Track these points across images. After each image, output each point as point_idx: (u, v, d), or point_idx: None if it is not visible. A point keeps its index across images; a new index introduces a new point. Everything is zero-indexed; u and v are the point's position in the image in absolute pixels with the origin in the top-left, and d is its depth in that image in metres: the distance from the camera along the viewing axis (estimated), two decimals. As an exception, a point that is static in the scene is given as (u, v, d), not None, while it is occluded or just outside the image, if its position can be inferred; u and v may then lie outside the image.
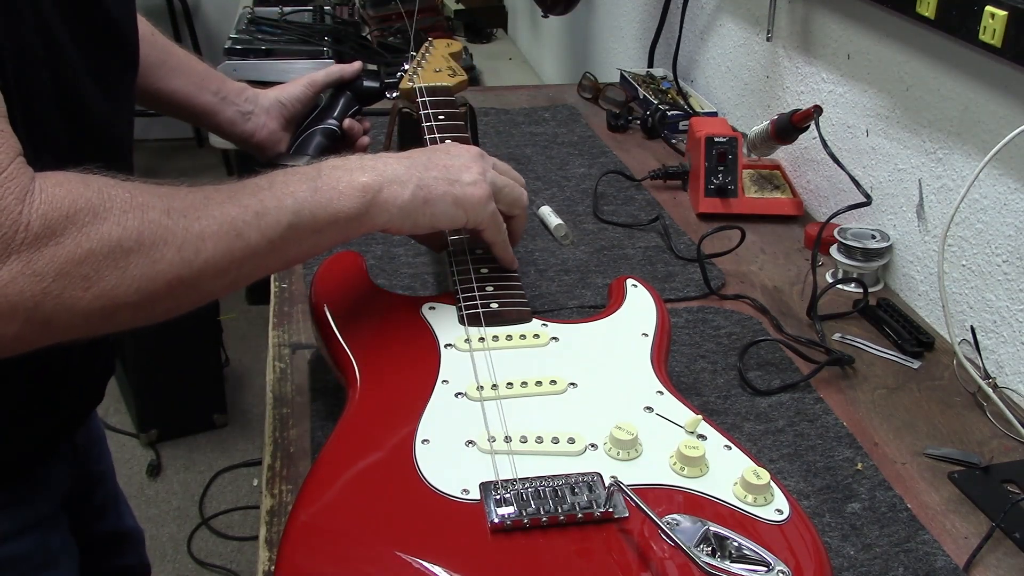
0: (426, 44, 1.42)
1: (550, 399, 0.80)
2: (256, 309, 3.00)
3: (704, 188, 1.37)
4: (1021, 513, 0.84)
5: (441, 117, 1.17)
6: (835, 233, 1.21)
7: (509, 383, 0.80)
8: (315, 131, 1.18)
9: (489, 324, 0.87)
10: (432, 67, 1.32)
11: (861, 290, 1.17)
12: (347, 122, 1.20)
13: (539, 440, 0.74)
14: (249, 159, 1.20)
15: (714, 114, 1.68)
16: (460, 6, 3.26)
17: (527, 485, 0.69)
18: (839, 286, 1.21)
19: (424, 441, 0.74)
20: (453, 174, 0.85)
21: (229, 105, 1.13)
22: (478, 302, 0.89)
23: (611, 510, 0.67)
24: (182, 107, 1.10)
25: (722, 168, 1.37)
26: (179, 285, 0.67)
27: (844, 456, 0.91)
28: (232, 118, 1.14)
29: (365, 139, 1.23)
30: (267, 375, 1.01)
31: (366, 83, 1.24)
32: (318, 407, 0.95)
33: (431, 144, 1.10)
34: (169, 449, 2.53)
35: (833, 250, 1.22)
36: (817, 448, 0.92)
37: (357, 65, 1.25)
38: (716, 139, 1.37)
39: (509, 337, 0.86)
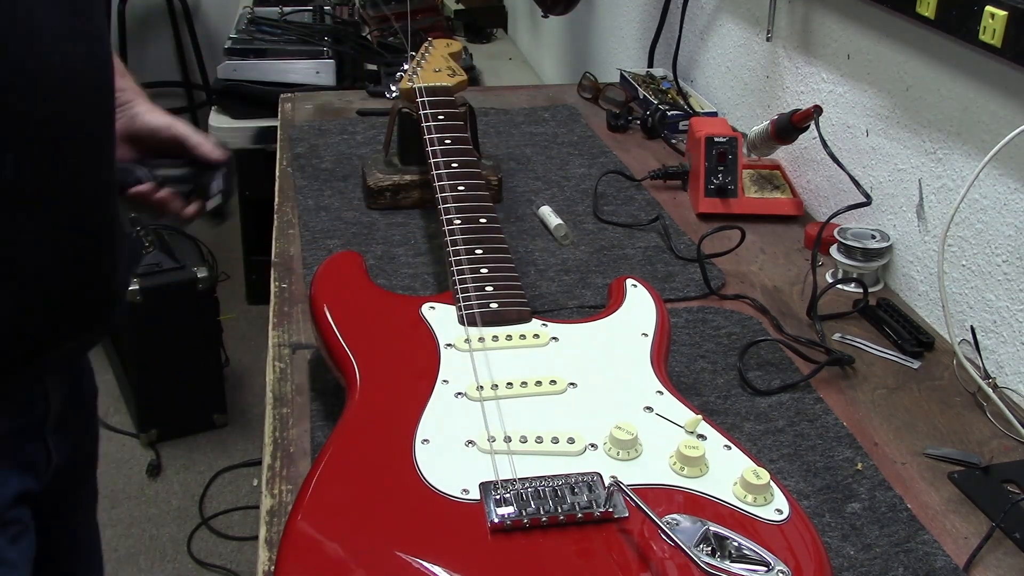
0: (425, 44, 1.42)
1: (550, 399, 0.80)
2: (256, 309, 2.99)
3: (704, 188, 1.37)
4: (1021, 513, 0.84)
5: (441, 117, 1.17)
6: (835, 233, 1.21)
7: (509, 383, 0.80)
8: (129, 167, 0.99)
9: (489, 324, 0.87)
10: (432, 67, 1.32)
11: (861, 290, 1.17)
12: (161, 192, 0.99)
13: (539, 440, 0.74)
14: None
15: (714, 114, 1.67)
16: (460, 6, 3.26)
17: (527, 485, 0.69)
18: (839, 286, 1.21)
19: (424, 441, 0.74)
20: None
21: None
22: (478, 302, 0.89)
23: (611, 510, 0.67)
24: None
25: (722, 168, 1.37)
26: None
27: (844, 456, 0.91)
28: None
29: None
30: (267, 375, 1.01)
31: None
32: (318, 407, 0.95)
33: (431, 144, 1.10)
34: (169, 449, 2.53)
35: (833, 250, 1.22)
36: (817, 448, 0.92)
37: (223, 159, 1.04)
38: (716, 139, 1.37)
39: (509, 337, 0.86)
